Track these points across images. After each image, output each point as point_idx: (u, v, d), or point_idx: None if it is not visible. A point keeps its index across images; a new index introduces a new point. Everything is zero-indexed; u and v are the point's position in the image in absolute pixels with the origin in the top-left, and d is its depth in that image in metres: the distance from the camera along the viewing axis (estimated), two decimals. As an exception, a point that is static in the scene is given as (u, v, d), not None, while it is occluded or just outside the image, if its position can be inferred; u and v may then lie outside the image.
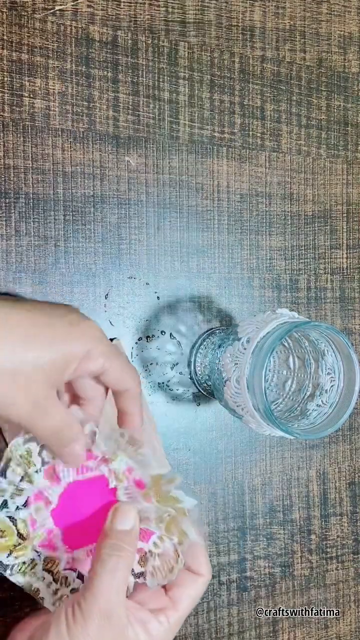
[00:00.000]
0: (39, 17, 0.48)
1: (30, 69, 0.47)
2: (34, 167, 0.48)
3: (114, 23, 0.50)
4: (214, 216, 0.53)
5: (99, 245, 0.50)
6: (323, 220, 0.58)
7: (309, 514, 0.57)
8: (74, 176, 0.49)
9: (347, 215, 0.58)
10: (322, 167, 0.57)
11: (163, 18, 0.51)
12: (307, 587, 0.57)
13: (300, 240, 0.57)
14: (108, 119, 0.50)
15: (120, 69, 0.50)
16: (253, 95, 0.54)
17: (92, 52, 0.49)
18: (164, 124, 0.51)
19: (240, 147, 0.54)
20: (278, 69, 0.55)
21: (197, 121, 0.53)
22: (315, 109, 0.57)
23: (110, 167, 0.50)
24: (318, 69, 0.57)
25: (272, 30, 0.55)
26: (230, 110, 0.54)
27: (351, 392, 0.42)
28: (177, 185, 0.52)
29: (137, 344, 0.51)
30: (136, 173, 0.51)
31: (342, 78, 0.58)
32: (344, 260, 0.58)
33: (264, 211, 0.55)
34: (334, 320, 0.58)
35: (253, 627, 0.55)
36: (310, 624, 0.58)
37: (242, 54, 0.54)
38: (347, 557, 0.59)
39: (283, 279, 0.56)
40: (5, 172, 0.47)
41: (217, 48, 0.53)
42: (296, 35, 0.56)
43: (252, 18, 0.54)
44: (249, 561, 0.55)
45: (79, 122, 0.49)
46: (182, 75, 0.52)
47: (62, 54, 0.48)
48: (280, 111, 0.56)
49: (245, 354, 0.41)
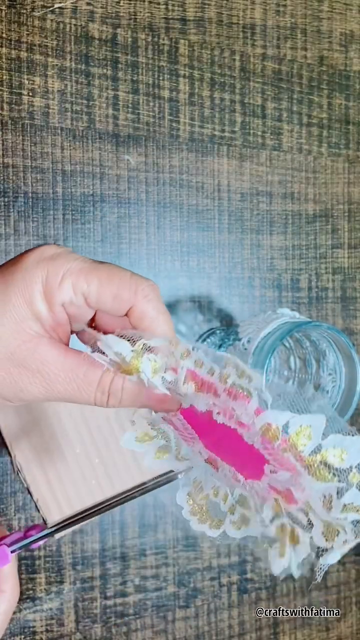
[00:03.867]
0: (38, 14, 0.47)
1: (29, 66, 0.47)
2: (33, 166, 0.47)
3: (113, 21, 0.49)
4: (215, 215, 0.53)
5: (99, 244, 0.49)
6: (324, 220, 0.57)
7: (310, 515, 0.57)
8: (73, 175, 0.48)
9: (348, 214, 0.58)
10: (324, 165, 0.57)
11: (163, 15, 0.51)
12: (307, 589, 0.57)
13: (302, 240, 0.56)
14: (108, 117, 0.49)
15: (120, 67, 0.50)
16: (254, 94, 0.54)
17: (91, 50, 0.49)
18: (164, 123, 0.51)
19: (241, 146, 0.54)
20: (279, 67, 0.55)
21: (197, 119, 0.52)
22: (316, 107, 0.57)
23: (110, 166, 0.49)
24: (319, 67, 0.57)
25: (273, 28, 0.55)
26: (230, 108, 0.53)
27: (353, 392, 0.41)
28: (177, 184, 0.52)
29: (136, 344, 0.50)
30: (136, 172, 0.50)
31: (343, 76, 0.58)
32: (345, 260, 0.58)
33: (264, 210, 0.55)
34: (335, 320, 0.57)
35: (254, 629, 0.55)
36: (311, 626, 0.57)
37: (242, 52, 0.54)
38: (348, 559, 0.59)
39: (284, 278, 0.55)
40: (4, 170, 0.47)
41: (217, 46, 0.53)
42: (297, 33, 0.56)
43: (253, 15, 0.54)
44: (250, 563, 0.54)
45: (79, 120, 0.49)
46: (182, 73, 0.52)
47: (62, 51, 0.48)
48: (281, 109, 0.55)
49: (246, 354, 0.41)
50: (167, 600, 0.51)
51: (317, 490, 0.27)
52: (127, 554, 0.50)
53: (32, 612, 0.47)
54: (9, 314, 0.28)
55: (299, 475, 0.28)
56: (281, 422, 0.26)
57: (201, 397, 0.29)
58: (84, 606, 0.48)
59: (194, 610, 0.52)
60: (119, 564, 0.50)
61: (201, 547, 0.52)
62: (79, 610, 0.48)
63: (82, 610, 0.48)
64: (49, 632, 0.47)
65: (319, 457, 0.26)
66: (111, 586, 0.49)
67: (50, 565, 0.47)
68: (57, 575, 0.48)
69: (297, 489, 0.28)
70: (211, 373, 0.28)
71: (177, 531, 0.52)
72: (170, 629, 0.51)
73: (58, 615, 0.48)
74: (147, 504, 0.51)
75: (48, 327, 0.29)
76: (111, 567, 0.49)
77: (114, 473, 0.49)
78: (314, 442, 0.26)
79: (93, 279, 0.28)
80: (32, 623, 0.47)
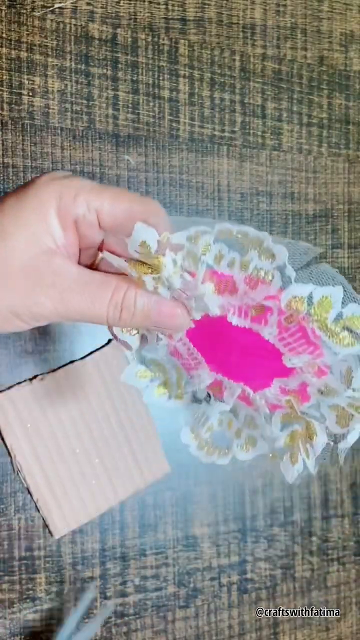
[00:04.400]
0: (38, 14, 0.47)
1: (29, 67, 0.47)
2: (33, 166, 0.47)
3: (113, 21, 0.49)
4: (215, 215, 0.53)
5: (99, 244, 0.49)
6: (324, 220, 0.57)
7: (310, 516, 0.57)
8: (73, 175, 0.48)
9: (348, 214, 0.58)
10: (324, 165, 0.57)
11: (163, 16, 0.51)
12: (308, 589, 0.57)
13: (302, 240, 0.56)
14: (107, 117, 0.49)
15: (119, 67, 0.50)
16: (254, 94, 0.54)
17: (91, 50, 0.49)
18: (164, 123, 0.51)
19: (241, 146, 0.54)
20: (279, 67, 0.55)
21: (197, 119, 0.52)
22: (316, 107, 0.57)
23: (110, 166, 0.49)
24: (319, 67, 0.57)
25: (273, 28, 0.55)
26: (230, 108, 0.53)
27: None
28: (177, 184, 0.52)
29: (136, 344, 0.50)
30: (136, 172, 0.50)
31: (343, 76, 0.58)
32: (345, 260, 0.58)
33: (264, 210, 0.55)
34: (335, 320, 0.57)
35: (254, 629, 0.55)
36: (311, 626, 0.57)
37: (242, 52, 0.54)
38: (348, 559, 0.59)
39: (284, 278, 0.55)
40: (5, 170, 0.47)
41: (217, 46, 0.53)
42: (297, 33, 0.56)
43: (253, 15, 0.54)
44: (250, 563, 0.54)
45: (79, 120, 0.48)
46: (182, 74, 0.52)
47: (62, 51, 0.48)
48: (281, 109, 0.55)
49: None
50: (167, 600, 0.51)
51: (340, 361, 0.29)
52: (127, 554, 0.50)
53: (32, 612, 0.47)
54: (24, 229, 0.29)
55: (319, 352, 0.29)
56: (305, 294, 0.28)
57: (216, 299, 0.29)
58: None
59: (194, 610, 0.52)
60: (119, 564, 0.50)
61: (201, 547, 0.52)
62: (79, 610, 0.48)
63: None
64: (49, 632, 0.47)
65: (341, 324, 0.28)
66: (111, 586, 0.49)
67: (50, 565, 0.47)
68: (57, 575, 0.48)
69: (314, 370, 0.30)
70: (231, 265, 0.29)
71: (177, 531, 0.52)
72: (170, 629, 0.51)
73: (58, 615, 0.48)
74: (147, 504, 0.51)
75: (60, 244, 0.29)
76: (111, 567, 0.49)
77: (114, 473, 0.49)
78: (335, 310, 0.28)
79: (105, 196, 0.29)
80: (32, 623, 0.47)
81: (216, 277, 0.30)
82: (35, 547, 0.47)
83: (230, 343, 0.32)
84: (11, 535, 0.46)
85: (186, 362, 0.34)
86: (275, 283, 0.28)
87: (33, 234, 0.29)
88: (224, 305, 0.30)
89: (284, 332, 0.30)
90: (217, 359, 0.33)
